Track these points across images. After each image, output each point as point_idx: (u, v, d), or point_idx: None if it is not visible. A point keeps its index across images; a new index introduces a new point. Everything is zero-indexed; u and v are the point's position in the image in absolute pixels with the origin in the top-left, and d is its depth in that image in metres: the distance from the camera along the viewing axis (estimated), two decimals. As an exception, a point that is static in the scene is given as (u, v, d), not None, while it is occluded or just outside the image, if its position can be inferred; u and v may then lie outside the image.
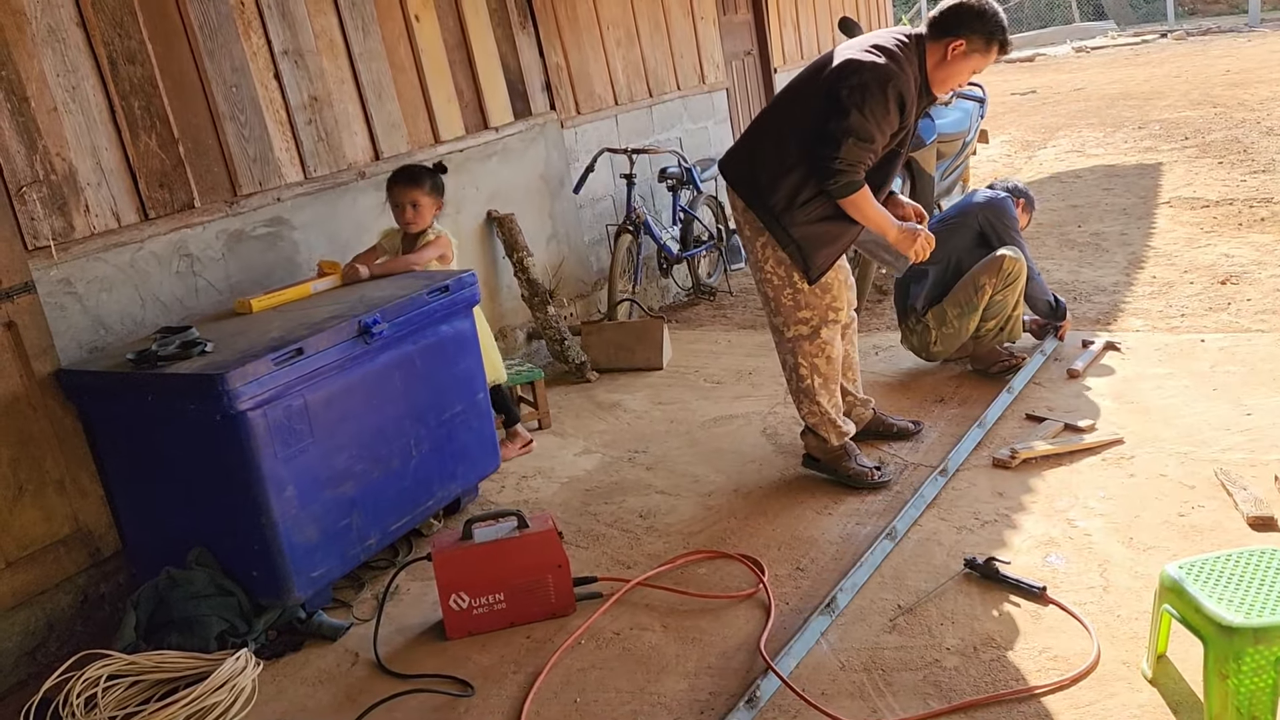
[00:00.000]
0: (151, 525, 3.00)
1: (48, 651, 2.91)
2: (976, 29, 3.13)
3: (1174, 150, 8.41)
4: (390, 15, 4.30)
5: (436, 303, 3.31)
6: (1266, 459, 3.14)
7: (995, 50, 3.18)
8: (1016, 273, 3.96)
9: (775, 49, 8.08)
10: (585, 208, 5.61)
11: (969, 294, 3.98)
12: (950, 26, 3.14)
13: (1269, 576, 2.10)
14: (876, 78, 3.04)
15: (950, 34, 3.13)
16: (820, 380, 3.35)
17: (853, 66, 3.08)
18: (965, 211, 4.19)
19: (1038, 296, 4.22)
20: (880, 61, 3.07)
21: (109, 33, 3.19)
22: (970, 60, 3.16)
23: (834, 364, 3.37)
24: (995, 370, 4.11)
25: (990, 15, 3.14)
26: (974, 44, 3.14)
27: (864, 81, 3.04)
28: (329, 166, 3.98)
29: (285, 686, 2.70)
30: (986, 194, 4.23)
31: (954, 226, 4.14)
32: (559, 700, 2.48)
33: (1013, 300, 4.02)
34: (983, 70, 3.26)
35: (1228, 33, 17.56)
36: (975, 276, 3.99)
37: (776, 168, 3.19)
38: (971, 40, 3.13)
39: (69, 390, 2.94)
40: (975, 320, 4.03)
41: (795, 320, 3.31)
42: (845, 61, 3.12)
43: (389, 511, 3.17)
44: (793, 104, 3.27)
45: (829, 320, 3.31)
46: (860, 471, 3.37)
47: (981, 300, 3.98)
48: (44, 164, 2.99)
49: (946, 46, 3.14)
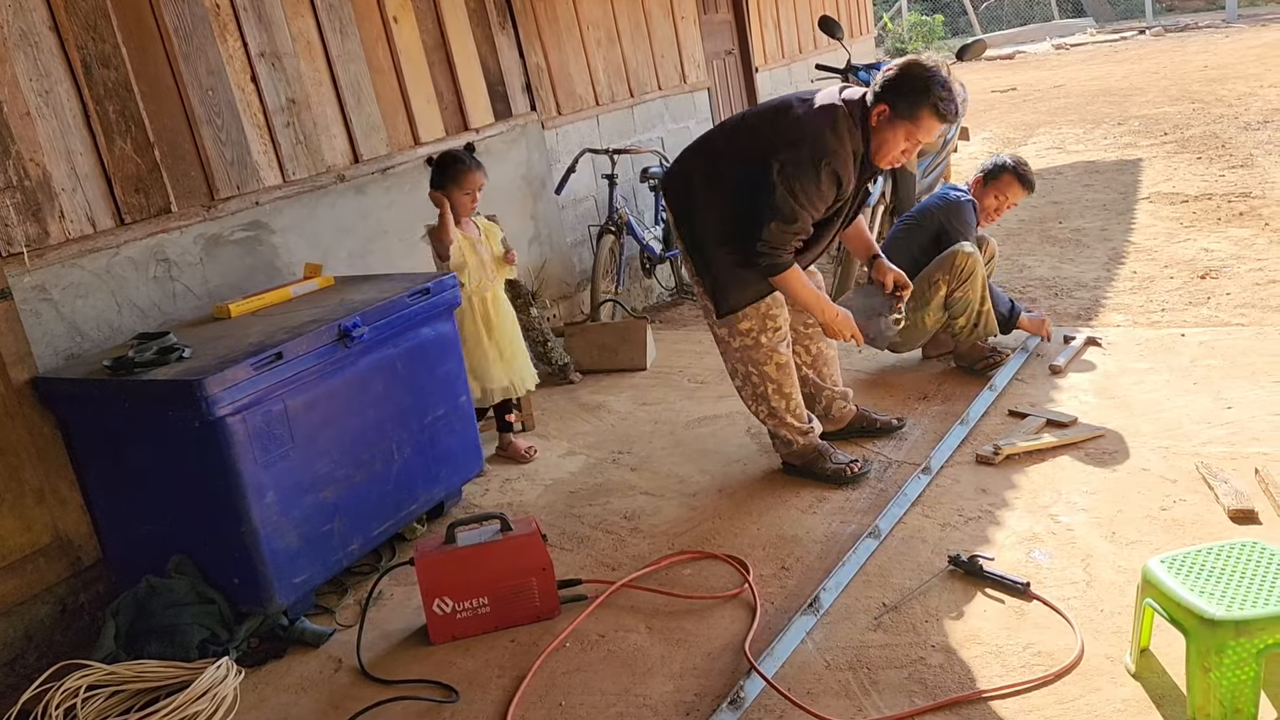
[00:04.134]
0: (131, 533, 2.97)
1: (26, 662, 2.88)
2: (898, 94, 2.96)
3: (1153, 146, 8.46)
4: (368, 17, 4.28)
5: (417, 306, 3.30)
6: (1247, 452, 3.15)
7: (928, 118, 2.97)
8: (970, 267, 3.98)
9: (756, 48, 8.09)
10: (567, 209, 5.59)
11: (923, 289, 4.00)
12: (877, 91, 3.01)
13: (1250, 569, 2.11)
14: (812, 155, 2.95)
15: (876, 99, 3.01)
16: (773, 386, 3.32)
17: (792, 138, 3.00)
18: (925, 211, 4.23)
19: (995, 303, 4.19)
20: (820, 138, 2.97)
21: (82, 36, 3.15)
22: (897, 129, 2.99)
23: (785, 369, 3.33)
24: (980, 367, 4.13)
25: (916, 79, 2.96)
26: (897, 110, 2.98)
27: (799, 159, 2.95)
28: (308, 169, 3.95)
29: (267, 694, 2.68)
30: (949, 194, 4.24)
31: (913, 226, 4.22)
32: (544, 704, 2.47)
33: (976, 295, 4.04)
34: (927, 140, 3.07)
35: (1205, 29, 17.69)
36: (930, 273, 4.03)
37: (707, 206, 3.17)
38: (894, 106, 2.97)
39: (46, 398, 2.91)
40: (933, 316, 4.05)
41: (737, 331, 3.28)
42: (789, 129, 3.03)
43: (371, 516, 3.15)
44: (736, 146, 3.18)
45: (768, 328, 3.27)
46: (837, 469, 3.37)
47: (935, 295, 4.01)
48: (17, 169, 2.96)
49: (876, 111, 3.01)
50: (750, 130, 3.18)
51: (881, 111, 3.00)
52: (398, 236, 4.38)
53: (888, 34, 21.24)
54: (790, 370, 3.35)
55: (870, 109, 3.02)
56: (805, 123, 3.02)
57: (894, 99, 2.98)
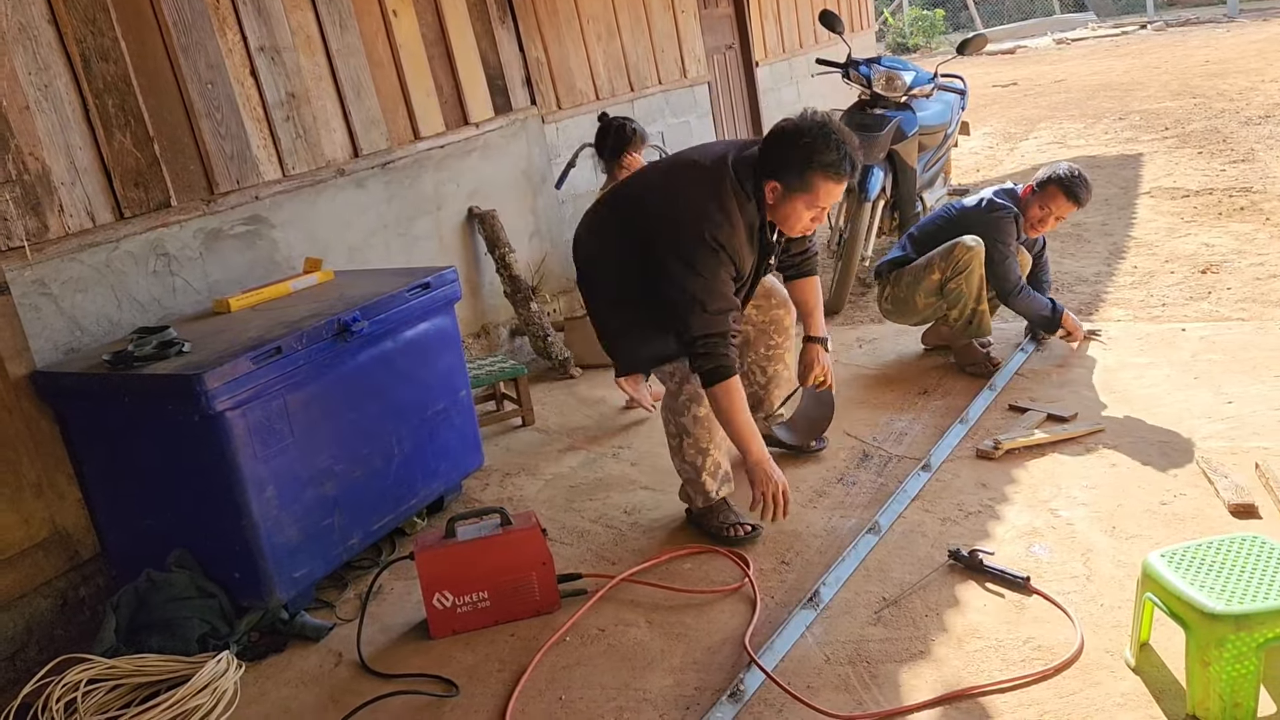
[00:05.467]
0: (131, 528, 2.97)
1: (26, 656, 2.88)
2: (783, 166, 2.71)
3: (1154, 141, 8.45)
4: (368, 11, 4.27)
5: (417, 300, 3.29)
6: (1247, 447, 3.15)
7: (823, 184, 2.69)
8: (967, 261, 3.99)
9: (756, 42, 8.07)
10: (567, 203, 5.59)
11: (920, 270, 4.09)
12: (761, 166, 2.76)
13: (1250, 563, 2.11)
14: (696, 233, 2.70)
15: (762, 175, 2.76)
16: (689, 440, 3.03)
17: (675, 217, 2.76)
18: (967, 213, 4.19)
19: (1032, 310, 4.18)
20: (703, 215, 2.72)
21: (81, 30, 3.15)
22: (795, 201, 2.74)
23: (702, 423, 3.00)
24: (970, 371, 4.11)
25: (793, 147, 2.69)
26: (788, 185, 2.72)
27: (685, 239, 2.71)
28: (307, 164, 3.95)
29: (268, 688, 2.68)
30: (995, 202, 4.15)
31: (955, 220, 4.19)
32: (544, 698, 2.47)
33: (970, 292, 4.04)
34: (834, 201, 2.79)
35: (1206, 24, 17.65)
36: (932, 256, 4.08)
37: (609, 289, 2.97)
38: (783, 181, 2.72)
39: (45, 392, 2.91)
40: (924, 299, 4.11)
41: (661, 373, 3.05)
42: (672, 205, 2.79)
43: (371, 510, 3.15)
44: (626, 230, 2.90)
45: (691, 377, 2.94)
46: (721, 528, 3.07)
47: (928, 279, 4.06)
48: (16, 163, 2.96)
49: (768, 189, 2.76)
50: (635, 204, 2.93)
51: (774, 189, 2.76)
52: (397, 231, 4.38)
53: (888, 28, 21.20)
54: (711, 428, 3.01)
55: (761, 186, 2.78)
56: (688, 199, 2.77)
57: (780, 173, 2.72)
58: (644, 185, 3.02)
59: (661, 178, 3.00)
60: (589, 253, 3.07)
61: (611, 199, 3.12)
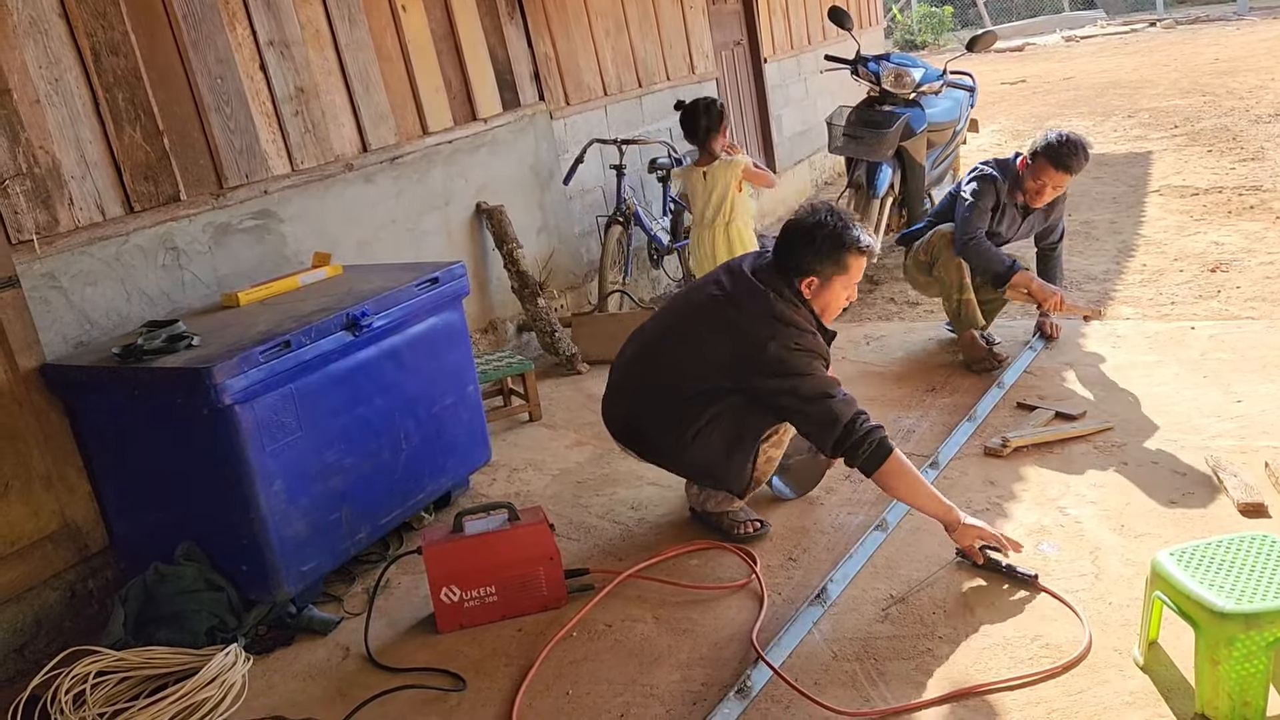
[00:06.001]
0: (139, 520, 2.97)
1: (35, 648, 2.89)
2: (818, 259, 2.80)
3: (1163, 139, 8.42)
4: (377, 5, 4.27)
5: (425, 295, 3.29)
6: (1256, 446, 3.14)
7: (855, 261, 2.82)
8: (938, 247, 4.22)
9: (765, 39, 8.06)
10: (575, 199, 5.58)
11: (917, 248, 4.38)
12: (792, 268, 2.84)
13: (1260, 562, 2.10)
14: (796, 345, 2.75)
15: (797, 274, 2.84)
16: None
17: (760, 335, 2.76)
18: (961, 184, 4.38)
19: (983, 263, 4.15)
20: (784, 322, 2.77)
21: (92, 24, 3.15)
22: (833, 286, 2.84)
23: (773, 461, 3.07)
24: (975, 368, 4.11)
25: (825, 239, 2.79)
26: (825, 274, 2.82)
27: (801, 346, 2.76)
28: (316, 158, 3.95)
29: (275, 681, 2.68)
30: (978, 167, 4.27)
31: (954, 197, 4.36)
32: (551, 693, 2.47)
33: (951, 279, 4.16)
34: (860, 277, 2.89)
35: (1216, 21, 17.59)
36: (929, 235, 4.33)
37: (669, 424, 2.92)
38: (820, 273, 2.82)
39: (54, 385, 2.92)
40: (919, 275, 4.41)
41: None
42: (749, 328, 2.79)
43: (379, 505, 3.15)
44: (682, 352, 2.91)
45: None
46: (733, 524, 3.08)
47: (917, 257, 4.37)
48: (27, 157, 2.96)
49: (804, 286, 2.84)
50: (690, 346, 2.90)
51: (810, 284, 2.84)
52: (406, 226, 4.38)
53: (897, 25, 21.16)
54: (772, 465, 3.08)
55: (796, 283, 2.84)
56: (756, 319, 2.80)
57: (817, 266, 2.82)
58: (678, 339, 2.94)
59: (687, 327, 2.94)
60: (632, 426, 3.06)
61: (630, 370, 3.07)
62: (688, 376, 2.89)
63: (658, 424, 2.97)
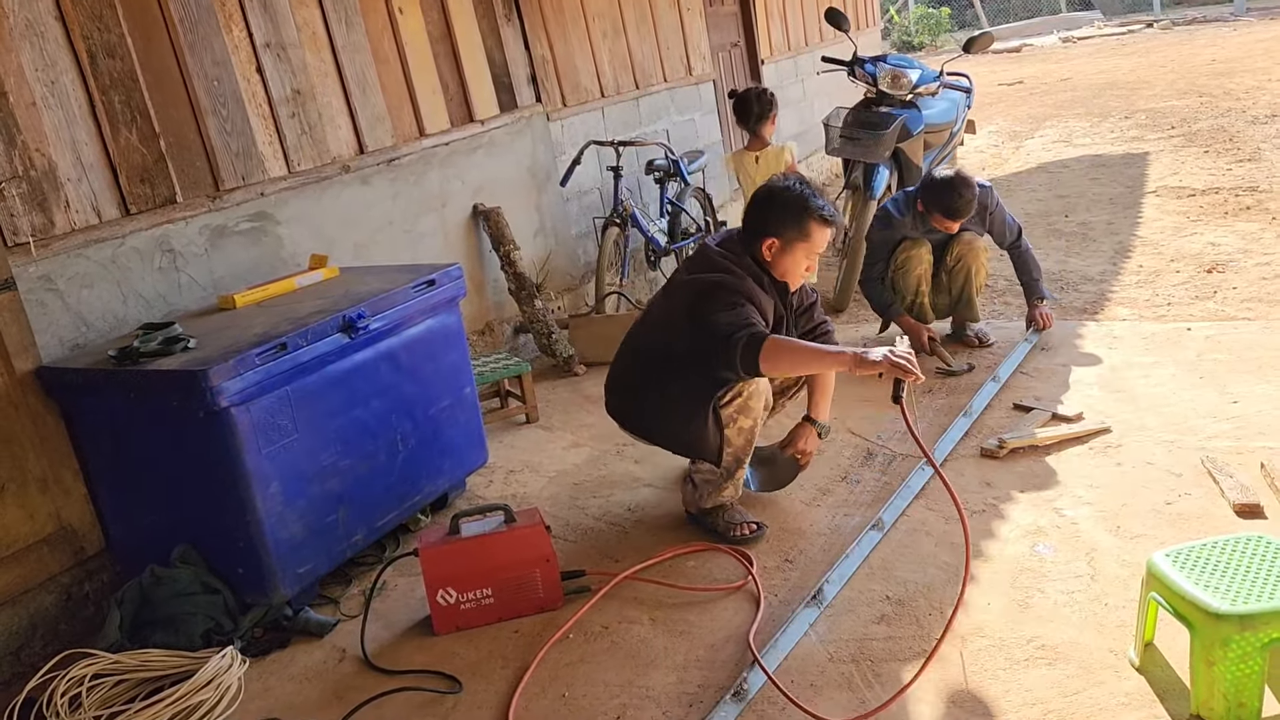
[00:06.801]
0: (135, 523, 2.97)
1: (31, 651, 2.89)
2: (780, 222, 2.92)
3: (1160, 139, 8.43)
4: (374, 7, 4.27)
5: (422, 297, 3.29)
6: (1253, 446, 3.14)
7: (818, 229, 2.92)
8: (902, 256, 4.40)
9: (762, 40, 8.06)
10: (572, 200, 5.59)
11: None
12: (756, 228, 2.97)
13: (1255, 563, 2.11)
14: (717, 285, 2.87)
15: (758, 235, 2.96)
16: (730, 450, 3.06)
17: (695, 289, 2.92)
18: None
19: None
20: (723, 276, 2.90)
21: (88, 26, 3.15)
22: (795, 251, 2.94)
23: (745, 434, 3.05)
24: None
25: (788, 202, 2.92)
26: (786, 237, 2.92)
27: (707, 291, 2.87)
28: (313, 160, 3.95)
29: (272, 684, 2.68)
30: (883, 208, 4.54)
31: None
32: (547, 695, 2.47)
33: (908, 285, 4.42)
34: (822, 249, 2.98)
35: (1213, 22, 17.61)
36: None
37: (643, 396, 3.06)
38: (781, 235, 2.92)
39: (50, 388, 2.92)
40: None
41: None
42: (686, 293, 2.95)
43: (375, 507, 3.15)
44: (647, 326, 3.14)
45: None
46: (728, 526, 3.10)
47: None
48: (23, 159, 2.96)
49: (765, 248, 2.95)
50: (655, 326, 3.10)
51: (771, 245, 2.94)
52: (402, 227, 4.38)
53: (894, 26, 21.17)
54: (752, 437, 3.06)
55: (757, 246, 2.95)
56: (695, 273, 2.97)
57: (777, 229, 2.93)
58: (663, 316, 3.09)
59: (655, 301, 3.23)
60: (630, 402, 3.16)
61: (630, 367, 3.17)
62: (651, 347, 3.07)
63: (638, 400, 3.12)
